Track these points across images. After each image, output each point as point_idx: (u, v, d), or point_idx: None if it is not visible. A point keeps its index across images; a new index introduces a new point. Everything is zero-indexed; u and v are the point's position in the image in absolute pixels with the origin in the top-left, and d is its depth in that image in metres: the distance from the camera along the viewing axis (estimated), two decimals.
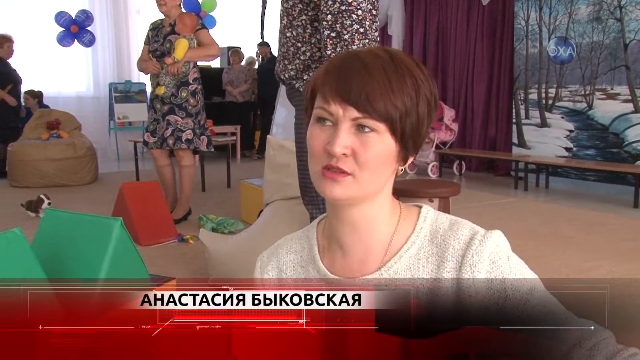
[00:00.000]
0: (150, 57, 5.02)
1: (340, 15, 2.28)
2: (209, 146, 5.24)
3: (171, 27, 4.94)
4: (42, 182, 7.05)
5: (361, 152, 0.97)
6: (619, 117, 6.59)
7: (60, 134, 7.59)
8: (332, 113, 0.97)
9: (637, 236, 4.79)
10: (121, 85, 9.57)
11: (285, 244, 1.19)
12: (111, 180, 7.38)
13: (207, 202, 6.14)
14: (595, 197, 6.48)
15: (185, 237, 4.66)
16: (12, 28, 8.90)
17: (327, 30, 2.31)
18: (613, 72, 6.59)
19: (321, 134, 1.00)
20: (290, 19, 2.51)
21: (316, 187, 1.03)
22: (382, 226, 1.08)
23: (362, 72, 0.96)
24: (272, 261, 1.18)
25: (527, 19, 7.47)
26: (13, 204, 5.85)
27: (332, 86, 0.97)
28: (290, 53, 2.52)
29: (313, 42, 2.50)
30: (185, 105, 4.98)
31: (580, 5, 6.84)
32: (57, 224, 2.26)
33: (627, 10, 6.39)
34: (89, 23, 9.12)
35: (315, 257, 1.12)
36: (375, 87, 0.95)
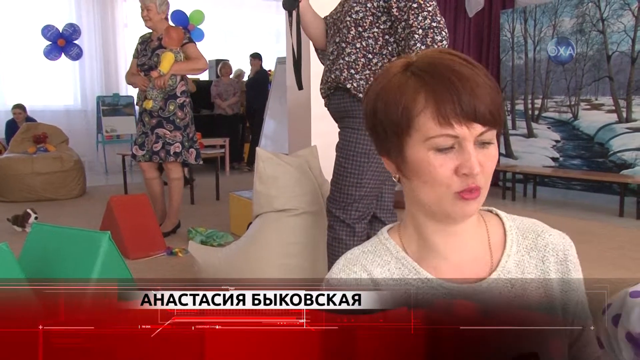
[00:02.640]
0: (139, 71, 5.03)
1: (431, 30, 2.44)
2: (198, 159, 5.24)
3: (159, 40, 4.96)
4: (29, 196, 7.00)
5: (487, 165, 0.97)
6: (603, 127, 6.65)
7: (47, 147, 7.55)
8: (458, 135, 0.94)
9: (623, 245, 4.84)
10: (109, 99, 9.55)
11: (363, 257, 1.09)
12: (99, 194, 7.36)
13: (196, 214, 6.13)
14: (582, 206, 6.53)
15: (174, 250, 4.65)
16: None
17: (419, 43, 2.45)
18: (597, 83, 6.66)
19: (447, 159, 0.96)
20: (360, 30, 2.61)
21: (442, 210, 1.01)
22: (477, 229, 1.09)
23: (467, 84, 0.94)
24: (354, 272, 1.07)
25: (512, 31, 7.54)
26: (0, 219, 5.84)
27: (449, 107, 0.93)
28: (360, 64, 2.61)
29: (385, 53, 2.62)
30: (173, 119, 4.99)
31: (564, 17, 6.91)
32: (44, 239, 2.26)
33: (609, 22, 6.46)
34: (76, 36, 9.09)
35: (416, 268, 1.05)
36: (485, 95, 0.94)
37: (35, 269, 2.16)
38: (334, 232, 2.83)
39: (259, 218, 3.45)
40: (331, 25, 2.82)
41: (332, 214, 2.82)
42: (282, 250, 3.27)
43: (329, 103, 2.83)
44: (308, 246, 3.30)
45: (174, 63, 4.84)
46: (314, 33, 2.89)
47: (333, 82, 2.71)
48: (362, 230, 2.83)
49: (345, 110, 2.72)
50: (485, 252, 1.08)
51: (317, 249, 3.27)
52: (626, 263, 4.31)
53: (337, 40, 2.71)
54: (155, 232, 4.74)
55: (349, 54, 2.65)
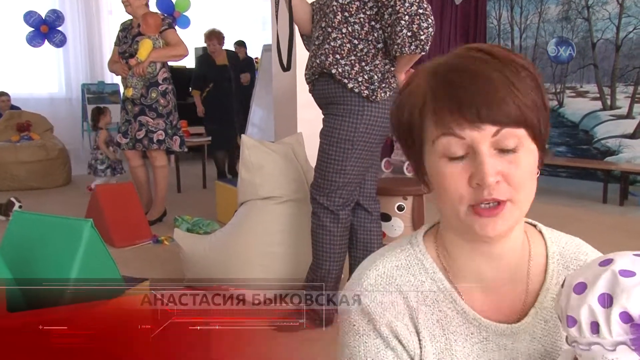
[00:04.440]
0: (120, 59, 5.02)
1: (417, 17, 2.46)
2: (182, 146, 5.23)
3: (139, 27, 4.93)
4: (13, 185, 6.97)
5: (513, 172, 0.83)
6: (588, 115, 6.70)
7: (31, 135, 7.51)
8: (466, 138, 0.83)
9: (607, 231, 4.89)
10: (94, 86, 9.49)
11: (397, 274, 0.96)
12: (84, 183, 7.32)
13: (182, 202, 6.13)
14: (567, 193, 6.58)
15: (160, 239, 4.66)
16: None
17: (405, 29, 2.47)
18: (582, 70, 6.70)
19: (458, 170, 0.85)
20: (347, 15, 2.63)
21: (464, 229, 0.89)
22: (520, 256, 0.96)
23: (484, 85, 0.82)
24: (389, 292, 0.95)
25: (499, 18, 7.56)
26: None
27: (455, 108, 0.83)
28: (346, 49, 2.63)
29: (370, 39, 2.64)
30: (155, 106, 4.98)
31: (550, 5, 6.94)
32: (26, 227, 2.25)
33: (594, 10, 6.51)
34: (59, 23, 9.00)
35: (454, 297, 0.94)
36: (498, 91, 0.82)
37: (16, 256, 2.15)
38: (318, 219, 2.84)
39: (244, 206, 3.46)
40: (317, 10, 2.82)
41: (316, 201, 2.83)
42: (267, 238, 3.29)
43: (313, 89, 2.84)
44: (292, 234, 3.32)
45: (153, 50, 4.81)
46: (300, 17, 2.89)
47: (318, 68, 2.71)
48: (345, 217, 2.85)
49: (329, 97, 2.72)
50: (523, 279, 0.96)
51: (301, 236, 3.29)
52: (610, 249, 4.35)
53: (323, 25, 2.72)
54: (141, 220, 4.75)
55: (335, 39, 2.65)
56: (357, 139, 2.68)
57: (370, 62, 2.63)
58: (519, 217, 0.88)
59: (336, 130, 2.69)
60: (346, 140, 2.68)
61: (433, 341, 0.93)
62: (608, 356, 0.74)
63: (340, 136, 2.68)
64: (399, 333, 0.92)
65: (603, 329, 0.74)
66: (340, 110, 2.68)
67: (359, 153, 2.71)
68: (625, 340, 0.73)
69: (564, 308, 0.80)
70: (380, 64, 2.65)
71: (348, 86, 2.62)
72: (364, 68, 2.62)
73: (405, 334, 0.93)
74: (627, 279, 0.74)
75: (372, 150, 2.75)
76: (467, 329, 0.94)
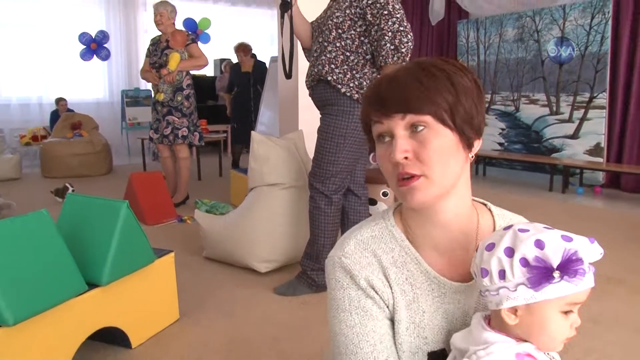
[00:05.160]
0: (151, 69, 5.06)
1: (398, 33, 2.48)
2: (201, 140, 5.28)
3: (167, 42, 4.98)
4: (68, 173, 7.08)
5: (421, 151, 0.87)
6: (539, 119, 6.71)
7: (81, 133, 7.57)
8: (384, 124, 0.90)
9: (551, 212, 4.95)
10: (131, 92, 9.51)
11: (372, 242, 0.99)
12: (123, 171, 7.38)
13: (202, 188, 6.16)
14: (521, 183, 6.63)
15: (183, 218, 4.70)
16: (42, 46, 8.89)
17: (388, 44, 2.49)
18: (534, 82, 6.71)
19: (385, 151, 0.91)
20: (340, 31, 2.65)
21: (401, 200, 0.93)
22: (466, 221, 0.97)
23: (396, 85, 0.89)
24: (365, 256, 0.98)
25: (467, 38, 7.56)
26: (44, 191, 5.90)
27: (377, 105, 0.90)
28: (339, 60, 2.65)
29: (360, 52, 2.65)
30: (180, 107, 5.03)
31: (508, 28, 6.95)
32: (76, 206, 2.30)
33: (542, 33, 6.52)
34: (105, 41, 9.09)
35: (418, 259, 0.97)
36: (410, 90, 0.87)
37: (69, 230, 2.21)
38: (314, 202, 2.88)
39: (253, 191, 3.47)
40: (316, 28, 2.85)
41: (313, 186, 2.86)
42: (272, 218, 3.30)
43: (312, 93, 2.86)
44: (293, 215, 3.34)
45: (180, 61, 4.87)
46: (302, 34, 2.91)
47: (316, 75, 2.74)
48: (338, 200, 2.88)
49: (326, 99, 2.75)
50: (472, 246, 0.98)
51: (299, 216, 3.32)
52: (551, 225, 4.39)
53: (320, 40, 2.74)
54: (168, 202, 4.78)
55: (330, 52, 2.67)
56: (349, 134, 2.70)
57: (360, 71, 2.65)
58: (437, 190, 0.89)
59: (331, 127, 2.72)
60: (339, 135, 2.71)
61: (403, 295, 0.96)
62: (511, 295, 0.81)
63: (335, 132, 2.71)
64: (375, 285, 0.95)
65: (508, 273, 0.81)
66: (335, 111, 2.70)
67: (349, 146, 2.73)
68: (523, 280, 0.80)
69: (478, 264, 0.86)
70: (369, 72, 2.66)
71: (341, 91, 2.65)
72: (355, 75, 2.64)
73: (380, 286, 0.96)
74: (524, 233, 0.82)
75: (361, 145, 2.77)
76: (429, 285, 0.97)
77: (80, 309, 2.08)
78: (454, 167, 0.90)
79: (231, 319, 2.70)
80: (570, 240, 0.80)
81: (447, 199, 0.92)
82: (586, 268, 0.79)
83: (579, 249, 0.78)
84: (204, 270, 3.42)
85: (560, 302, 0.81)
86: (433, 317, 0.97)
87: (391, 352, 0.95)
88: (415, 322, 0.97)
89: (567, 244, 0.79)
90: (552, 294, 0.79)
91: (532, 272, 0.79)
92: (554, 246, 0.79)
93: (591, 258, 0.80)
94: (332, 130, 2.72)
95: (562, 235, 0.81)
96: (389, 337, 0.95)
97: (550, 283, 0.78)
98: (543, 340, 0.83)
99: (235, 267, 3.42)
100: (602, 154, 6.03)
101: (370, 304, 0.95)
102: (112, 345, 2.39)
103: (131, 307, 2.35)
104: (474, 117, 0.90)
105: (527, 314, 0.82)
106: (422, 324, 0.97)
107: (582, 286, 0.79)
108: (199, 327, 2.60)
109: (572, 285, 0.78)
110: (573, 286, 0.78)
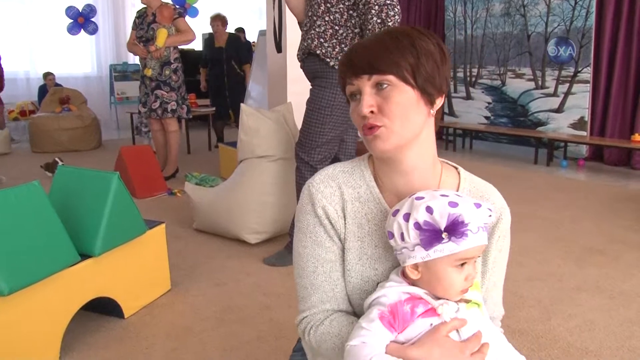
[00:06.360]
0: (137, 42, 5.01)
1: (385, 7, 2.46)
2: (189, 113, 5.28)
3: (153, 15, 4.95)
4: (57, 147, 7.03)
5: (384, 105, 0.95)
6: (524, 93, 6.73)
7: (70, 107, 7.50)
8: (354, 84, 0.99)
9: (536, 186, 5.00)
10: (120, 66, 9.40)
11: (341, 176, 1.08)
12: (112, 146, 7.34)
13: (191, 162, 6.15)
14: (507, 156, 6.67)
15: (173, 191, 4.71)
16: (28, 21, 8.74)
17: (375, 17, 2.48)
18: (520, 56, 6.71)
19: (356, 107, 0.99)
20: (329, 5, 2.64)
21: (368, 147, 1.02)
22: (428, 175, 1.04)
23: (364, 50, 0.98)
24: (330, 186, 1.07)
25: (454, 12, 7.52)
26: (34, 166, 5.86)
27: (348, 69, 0.99)
28: (328, 34, 2.64)
29: (349, 25, 2.64)
30: (169, 82, 5.01)
31: (495, 2, 6.91)
32: (68, 178, 2.29)
33: (529, 8, 6.50)
34: (93, 15, 8.96)
35: (379, 199, 1.05)
36: (376, 53, 0.96)
37: (60, 201, 2.21)
38: (300, 172, 2.88)
39: (242, 163, 3.47)
40: (307, 2, 2.83)
41: (299, 156, 2.86)
42: (261, 189, 3.31)
43: (303, 66, 2.86)
44: (282, 186, 3.35)
45: (167, 37, 4.84)
46: (295, 9, 2.91)
47: (306, 49, 2.74)
48: None
49: (315, 72, 2.75)
50: None
51: (288, 188, 3.33)
52: (539, 199, 4.46)
53: (310, 15, 2.73)
54: (158, 176, 4.78)
55: (319, 26, 2.66)
56: (336, 106, 2.71)
57: (349, 44, 2.64)
58: (397, 140, 0.97)
59: (319, 98, 2.72)
60: (326, 107, 2.71)
61: (360, 227, 1.05)
62: (411, 254, 0.92)
63: (322, 103, 2.72)
64: (330, 215, 1.05)
65: (405, 236, 0.91)
66: (324, 83, 2.70)
67: (336, 119, 2.74)
68: (418, 242, 0.90)
69: (386, 227, 0.97)
70: None
71: (330, 64, 2.65)
72: (344, 49, 2.64)
73: (334, 216, 1.05)
74: (419, 200, 0.92)
75: (348, 117, 2.79)
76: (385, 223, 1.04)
77: (73, 280, 2.09)
78: (414, 120, 0.98)
79: (222, 288, 2.72)
80: (455, 205, 0.89)
81: (409, 149, 1.00)
82: (474, 229, 0.88)
83: (463, 213, 0.87)
84: (194, 241, 3.44)
85: (451, 259, 0.90)
86: (385, 251, 1.04)
87: (330, 277, 1.06)
88: (367, 254, 1.05)
89: (452, 209, 0.88)
90: (443, 252, 0.89)
91: (424, 234, 0.89)
92: (441, 211, 0.88)
93: (479, 221, 0.89)
94: (319, 101, 2.72)
95: (449, 202, 0.89)
96: (331, 264, 1.05)
97: (440, 243, 0.88)
98: (441, 290, 0.92)
99: (225, 239, 3.44)
100: (585, 127, 6.08)
101: (321, 231, 1.05)
102: (105, 315, 2.40)
103: (123, 277, 2.37)
104: (436, 77, 0.98)
105: (425, 270, 0.92)
106: (375, 256, 1.05)
107: (468, 245, 0.88)
108: (190, 297, 2.62)
109: (458, 244, 0.88)
110: (459, 246, 0.88)
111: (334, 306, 1.06)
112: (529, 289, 2.71)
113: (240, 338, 2.22)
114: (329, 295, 1.06)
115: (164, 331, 2.28)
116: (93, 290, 2.20)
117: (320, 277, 1.05)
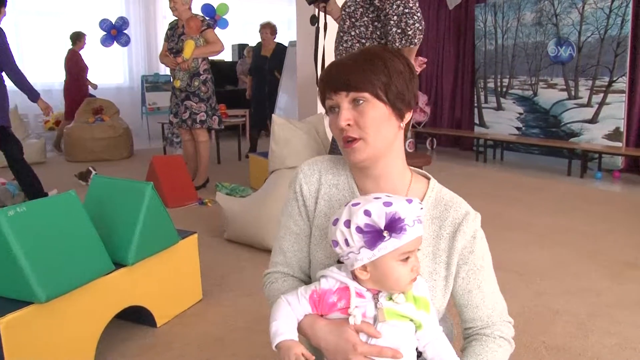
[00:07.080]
0: (168, 54, 5.08)
1: (404, 15, 2.46)
2: (220, 124, 5.31)
3: (184, 27, 4.99)
4: (90, 157, 7.16)
5: (360, 119, 1.06)
6: (557, 103, 6.63)
7: (103, 117, 7.61)
8: (333, 99, 1.08)
9: (569, 198, 4.89)
10: (151, 77, 9.55)
11: (326, 164, 1.23)
12: (143, 155, 7.43)
13: (222, 172, 6.19)
14: (539, 167, 6.56)
15: (204, 201, 4.73)
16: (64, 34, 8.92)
17: (395, 27, 2.48)
18: (552, 66, 6.61)
19: (334, 120, 1.09)
20: (353, 20, 2.65)
21: (347, 159, 1.12)
22: (396, 181, 1.14)
23: (343, 68, 1.08)
24: (312, 169, 1.22)
25: (485, 22, 7.46)
26: (68, 175, 5.96)
27: (327, 85, 1.09)
28: (355, 49, 2.64)
29: (374, 37, 2.65)
30: (198, 93, 5.06)
31: (526, 12, 6.84)
32: (102, 188, 2.32)
33: (561, 17, 6.41)
34: (125, 27, 9.13)
35: (354, 189, 1.17)
36: (352, 72, 1.06)
37: (95, 211, 2.23)
38: None
39: (273, 174, 3.48)
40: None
41: None
42: None
43: None
44: None
45: (195, 48, 4.87)
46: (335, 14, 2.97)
47: None
48: None
49: None
50: None
51: None
52: (571, 212, 4.36)
53: (337, 31, 2.75)
54: (189, 185, 4.82)
55: (346, 41, 2.67)
56: None
57: None
58: (372, 151, 1.07)
59: None
60: None
61: (331, 209, 1.17)
62: (357, 257, 0.98)
63: None
64: (304, 194, 1.20)
65: (350, 241, 0.98)
66: None
67: None
68: (362, 244, 0.96)
69: (329, 237, 1.04)
70: None
71: None
72: None
73: (307, 196, 1.20)
74: (356, 206, 0.99)
75: None
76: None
77: (108, 288, 2.11)
78: (386, 133, 1.08)
79: (253, 298, 2.72)
80: (390, 204, 0.96)
81: (378, 160, 1.10)
82: (410, 222, 0.96)
83: (398, 210, 0.95)
84: (225, 251, 3.45)
85: (395, 254, 0.97)
86: None
87: (293, 246, 1.22)
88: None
89: (387, 209, 0.96)
90: (387, 249, 0.96)
91: (366, 236, 0.96)
92: (378, 212, 0.96)
93: (413, 214, 0.97)
94: None
95: (384, 202, 0.97)
96: (296, 235, 1.22)
97: (382, 241, 0.95)
98: (391, 285, 1.00)
99: (255, 249, 3.44)
100: (621, 138, 5.94)
101: (295, 206, 1.22)
102: (138, 324, 2.42)
103: (156, 286, 2.38)
104: (405, 94, 1.08)
105: (374, 269, 0.99)
106: None
107: (408, 237, 0.96)
108: (222, 307, 2.62)
109: (400, 239, 0.95)
110: (400, 240, 0.95)
111: (291, 271, 1.23)
112: (563, 304, 2.65)
113: (272, 349, 2.21)
114: (290, 262, 1.23)
115: (195, 341, 2.29)
116: (127, 298, 2.22)
117: (286, 244, 1.23)
